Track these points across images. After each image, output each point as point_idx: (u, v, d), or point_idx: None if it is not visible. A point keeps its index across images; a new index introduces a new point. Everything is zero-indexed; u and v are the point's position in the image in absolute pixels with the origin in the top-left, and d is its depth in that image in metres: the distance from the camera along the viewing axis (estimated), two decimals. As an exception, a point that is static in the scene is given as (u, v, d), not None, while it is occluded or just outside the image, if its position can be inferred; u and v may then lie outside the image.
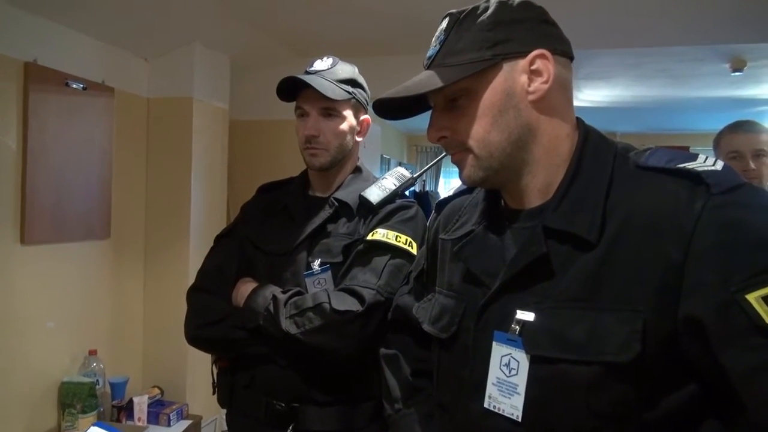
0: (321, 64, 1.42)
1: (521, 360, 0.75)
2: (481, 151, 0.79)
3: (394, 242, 1.31)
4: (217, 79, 2.78)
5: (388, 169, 1.71)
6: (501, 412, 0.76)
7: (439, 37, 0.82)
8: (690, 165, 0.72)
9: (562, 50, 0.80)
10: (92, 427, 1.06)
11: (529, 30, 0.78)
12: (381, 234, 1.32)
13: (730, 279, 0.63)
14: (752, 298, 0.62)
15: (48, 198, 2.11)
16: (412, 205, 1.42)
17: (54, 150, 2.12)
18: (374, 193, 1.39)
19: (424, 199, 6.13)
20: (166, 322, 2.66)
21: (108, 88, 2.38)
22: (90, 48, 2.31)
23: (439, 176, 7.49)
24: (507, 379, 0.76)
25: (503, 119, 0.78)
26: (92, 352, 2.32)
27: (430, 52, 0.83)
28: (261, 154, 3.32)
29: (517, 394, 0.75)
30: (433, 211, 1.08)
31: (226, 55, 2.86)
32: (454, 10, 0.82)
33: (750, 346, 0.63)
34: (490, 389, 0.78)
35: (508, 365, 0.76)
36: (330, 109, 1.38)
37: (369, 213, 1.38)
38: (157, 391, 2.57)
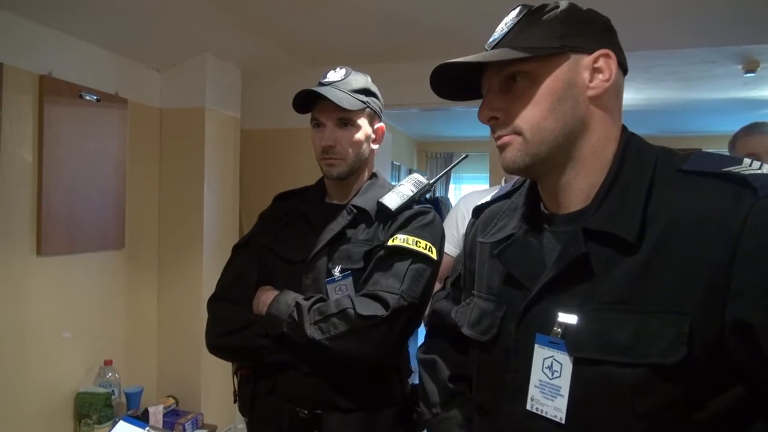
0: (334, 75, 1.43)
1: (564, 362, 0.75)
2: (533, 137, 0.80)
3: (414, 247, 1.32)
4: (228, 89, 2.80)
5: (398, 176, 1.74)
6: (544, 414, 0.77)
7: (507, 23, 0.84)
8: (735, 168, 0.72)
9: (621, 60, 0.82)
10: (120, 422, 1.07)
11: (597, 32, 0.81)
12: (401, 239, 1.33)
13: None
14: None
15: (63, 209, 2.12)
16: (429, 211, 1.43)
17: (69, 161, 2.14)
18: (392, 200, 1.40)
19: (434, 204, 6.10)
20: (180, 331, 2.67)
21: (121, 100, 2.40)
22: (104, 60, 2.34)
23: (449, 182, 7.47)
24: (550, 382, 0.77)
25: (560, 108, 0.79)
26: (107, 363, 2.33)
27: (496, 35, 0.85)
28: (273, 162, 3.33)
29: (561, 396, 0.75)
30: (471, 216, 1.09)
31: (237, 64, 2.88)
32: (526, 2, 0.85)
33: None
34: (533, 391, 0.79)
35: (550, 367, 0.77)
36: (346, 119, 1.40)
37: (388, 219, 1.39)
38: (171, 401, 2.58)
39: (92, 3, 2.03)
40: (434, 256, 1.35)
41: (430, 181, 1.51)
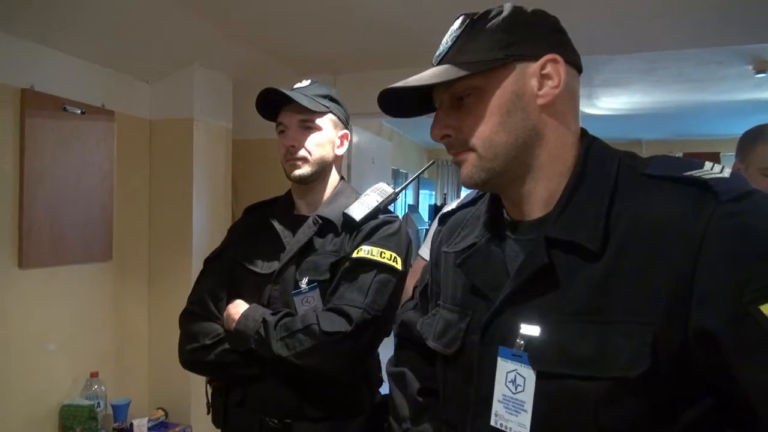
0: (299, 84, 1.49)
1: (528, 376, 0.73)
2: (486, 152, 0.78)
3: (378, 258, 1.34)
4: (218, 99, 2.79)
5: (404, 183, 1.77)
6: (508, 430, 0.74)
7: (451, 35, 0.82)
8: (697, 173, 0.69)
9: (573, 60, 0.80)
10: None
11: (543, 36, 0.79)
12: (366, 251, 1.34)
13: (743, 290, 0.61)
14: (766, 309, 0.60)
15: (46, 222, 2.13)
16: (394, 220, 1.44)
17: (52, 174, 2.15)
18: (357, 210, 1.41)
19: (436, 211, 6.05)
20: (171, 343, 2.61)
21: (108, 112, 2.41)
22: (89, 73, 2.34)
23: (461, 189, 7.41)
24: (513, 396, 0.74)
25: (511, 120, 0.77)
26: (94, 375, 2.32)
27: (440, 49, 0.83)
28: (266, 172, 3.29)
29: (524, 411, 0.73)
30: (437, 224, 1.08)
31: (228, 75, 2.87)
32: (467, 12, 0.82)
33: (766, 360, 0.60)
34: (497, 406, 0.76)
35: (514, 381, 0.75)
36: (308, 121, 1.43)
37: (353, 230, 1.39)
38: (161, 413, 2.57)
39: (76, 17, 2.04)
40: (399, 266, 1.36)
41: (396, 190, 1.50)
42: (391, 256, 1.35)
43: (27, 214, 2.05)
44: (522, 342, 0.73)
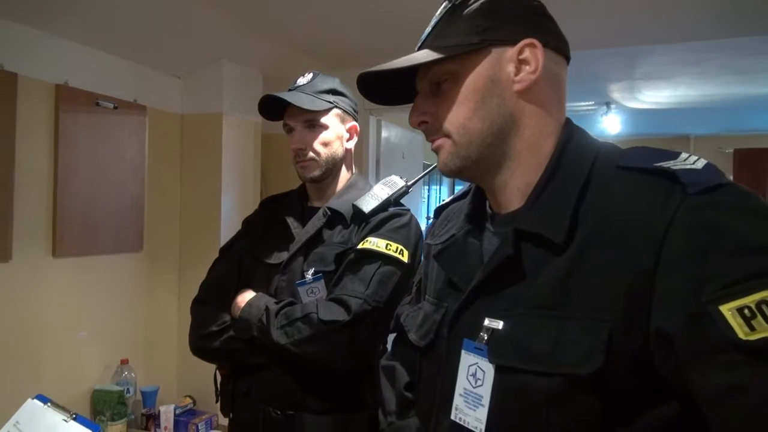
0: (302, 79, 1.48)
1: (487, 370, 0.72)
2: (461, 138, 0.77)
3: (383, 250, 1.33)
4: (247, 94, 2.82)
5: (440, 178, 1.76)
6: (466, 425, 0.73)
7: (433, 21, 0.82)
8: (667, 164, 0.66)
9: (557, 45, 0.78)
10: (33, 400, 1.10)
11: (522, 20, 0.77)
12: (371, 242, 1.34)
13: (703, 288, 0.58)
14: (726, 309, 0.56)
15: (79, 212, 2.20)
16: (405, 213, 1.43)
17: (85, 166, 2.22)
18: (367, 203, 1.41)
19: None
20: (200, 332, 2.71)
21: (140, 107, 2.47)
22: (121, 69, 2.41)
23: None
24: (473, 390, 0.74)
25: (486, 106, 0.76)
26: (124, 361, 2.40)
27: (423, 35, 0.84)
28: (297, 166, 3.34)
29: (482, 406, 0.72)
30: (432, 217, 1.08)
31: (258, 70, 2.90)
32: None
33: (721, 364, 0.56)
34: (457, 400, 0.76)
35: (474, 375, 0.74)
36: (312, 120, 1.43)
37: (362, 222, 1.40)
38: (189, 400, 2.63)
39: (109, 15, 2.10)
40: (405, 259, 1.35)
41: (408, 183, 1.49)
42: (397, 248, 1.34)
43: (61, 205, 2.13)
44: (485, 335, 0.72)
